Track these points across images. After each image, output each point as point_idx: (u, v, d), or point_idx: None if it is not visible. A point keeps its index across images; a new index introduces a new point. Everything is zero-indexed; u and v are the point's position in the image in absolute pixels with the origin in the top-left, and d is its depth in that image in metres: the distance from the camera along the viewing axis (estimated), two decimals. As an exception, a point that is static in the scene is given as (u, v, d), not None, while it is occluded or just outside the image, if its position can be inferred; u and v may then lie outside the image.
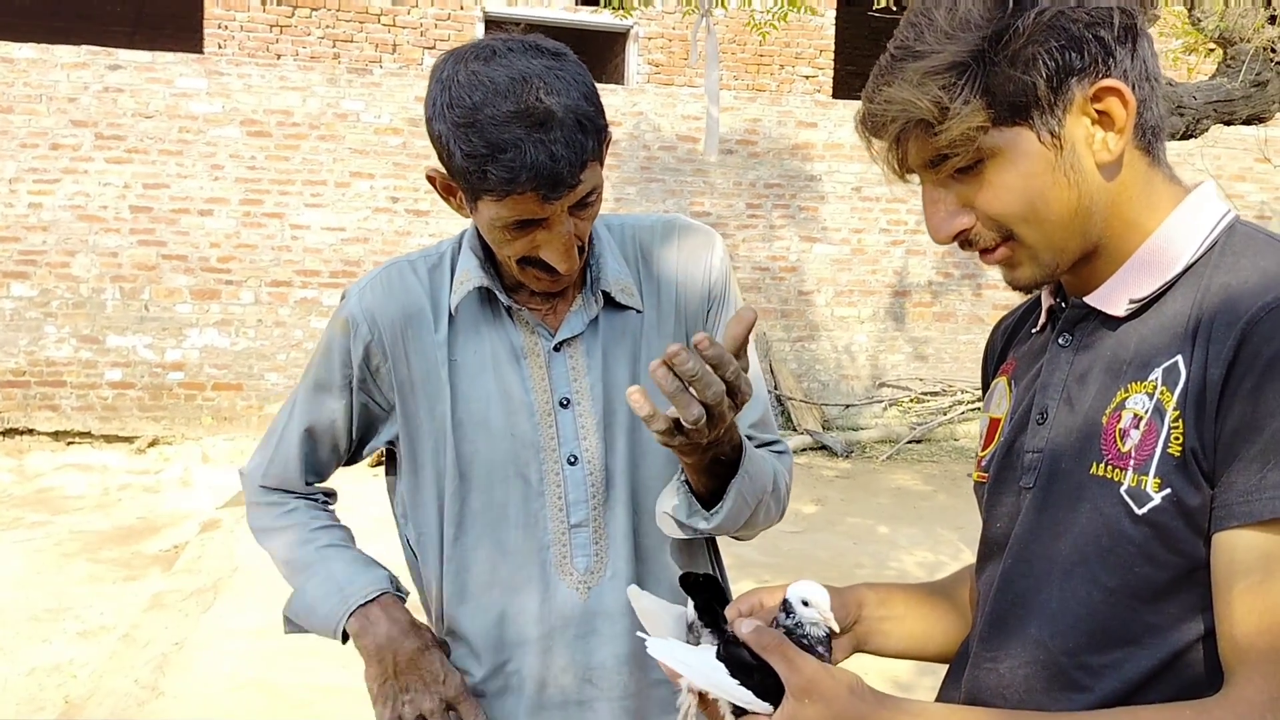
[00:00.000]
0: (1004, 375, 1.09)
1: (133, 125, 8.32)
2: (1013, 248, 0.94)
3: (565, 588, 1.36)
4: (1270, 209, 10.37)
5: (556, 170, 1.16)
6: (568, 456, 1.36)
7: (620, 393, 1.37)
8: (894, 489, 7.56)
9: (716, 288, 1.45)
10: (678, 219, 1.48)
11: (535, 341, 1.36)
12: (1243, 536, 0.80)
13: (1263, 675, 0.78)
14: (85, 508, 6.87)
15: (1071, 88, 0.87)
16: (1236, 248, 0.88)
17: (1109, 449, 0.89)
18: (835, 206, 9.63)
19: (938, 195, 0.94)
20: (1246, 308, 0.81)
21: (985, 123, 0.88)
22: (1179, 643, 0.86)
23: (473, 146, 1.16)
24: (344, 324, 1.41)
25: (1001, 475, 1.02)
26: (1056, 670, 0.92)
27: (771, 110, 9.49)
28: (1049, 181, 0.89)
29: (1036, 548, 0.95)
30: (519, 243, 1.25)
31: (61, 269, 8.30)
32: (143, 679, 3.89)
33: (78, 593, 5.11)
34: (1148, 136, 0.91)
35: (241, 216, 8.54)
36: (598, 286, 1.38)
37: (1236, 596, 0.80)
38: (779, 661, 0.88)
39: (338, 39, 8.74)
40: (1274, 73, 4.33)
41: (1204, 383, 0.83)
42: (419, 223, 8.75)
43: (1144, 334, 0.90)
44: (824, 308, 9.70)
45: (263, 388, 8.63)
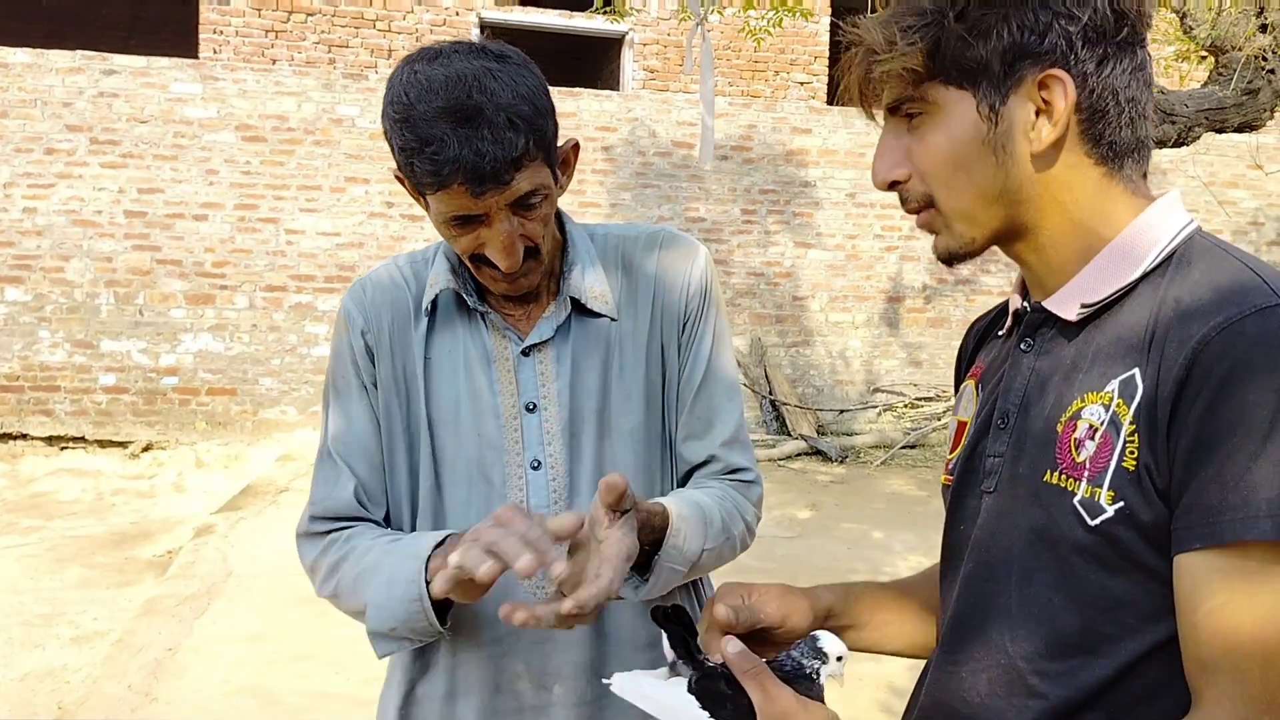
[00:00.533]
0: (972, 379, 1.09)
1: (128, 130, 8.32)
2: (933, 215, 0.96)
3: (523, 592, 1.34)
4: (1263, 215, 10.41)
5: (480, 165, 1.18)
6: (531, 461, 1.36)
7: (587, 400, 1.37)
8: (888, 494, 7.57)
9: (693, 302, 1.44)
10: (664, 230, 1.48)
11: (504, 345, 1.37)
12: (1204, 559, 0.80)
13: (1228, 696, 0.79)
14: (79, 513, 6.86)
15: (1023, 69, 0.89)
16: (1193, 260, 0.88)
17: (1064, 458, 0.89)
18: (830, 212, 9.65)
19: (888, 144, 0.97)
20: (1199, 326, 0.81)
21: (919, 68, 0.90)
22: (1133, 653, 0.86)
23: (405, 141, 1.20)
24: (343, 323, 1.43)
25: (964, 479, 1.02)
26: (1016, 675, 0.92)
27: (766, 117, 9.51)
28: (976, 153, 0.91)
29: (997, 552, 0.95)
30: (465, 239, 1.27)
31: (56, 274, 8.29)
32: (136, 684, 3.89)
33: (71, 598, 5.10)
34: (1105, 150, 0.91)
35: (236, 221, 8.53)
36: (568, 293, 1.38)
37: (1201, 619, 0.80)
38: (755, 689, 0.88)
39: (333, 44, 8.75)
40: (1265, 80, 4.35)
41: (1156, 400, 0.82)
42: (414, 227, 8.75)
43: (1101, 343, 0.90)
44: (818, 313, 9.72)
45: (257, 393, 8.62)
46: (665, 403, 1.44)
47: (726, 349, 1.47)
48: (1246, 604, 0.78)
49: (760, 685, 0.89)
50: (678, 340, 1.44)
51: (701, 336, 1.45)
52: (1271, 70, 4.35)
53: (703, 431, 1.43)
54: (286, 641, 4.28)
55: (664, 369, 1.43)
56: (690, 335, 1.44)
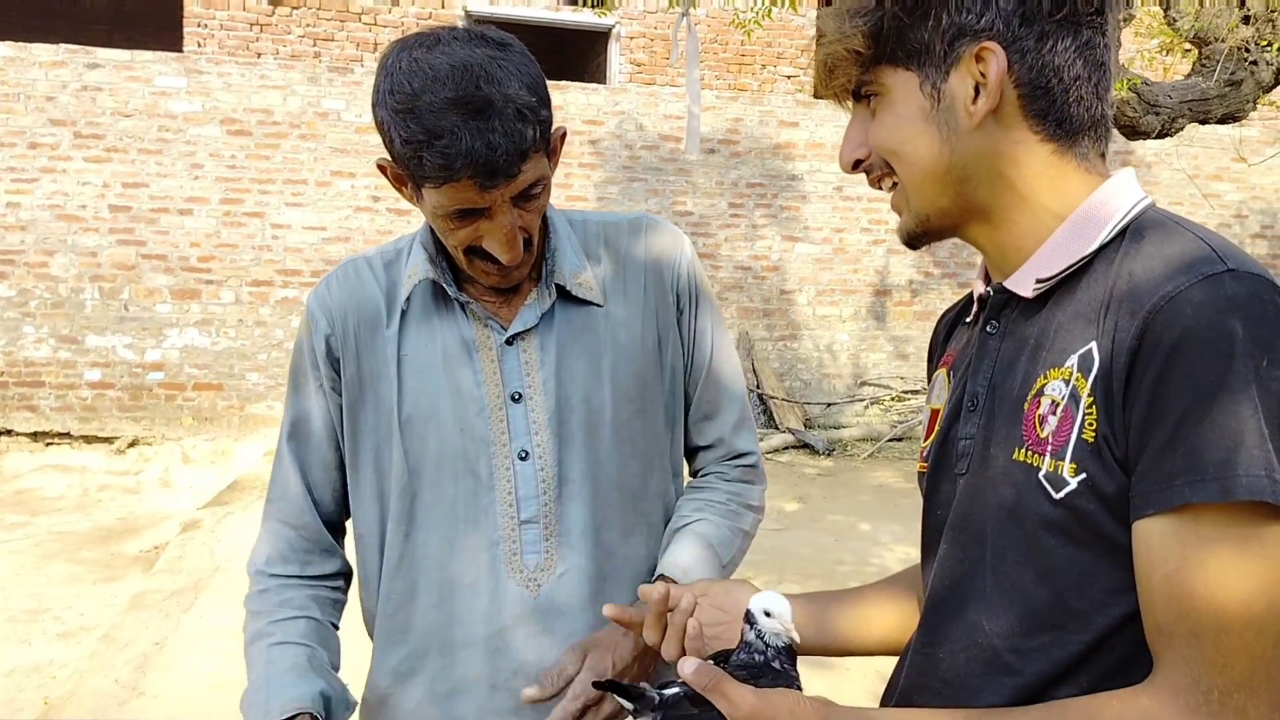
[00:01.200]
0: (944, 367, 1.10)
1: (112, 124, 8.27)
2: (898, 194, 0.99)
3: (515, 585, 1.33)
4: (1247, 208, 10.47)
5: (493, 159, 1.16)
6: (518, 452, 1.34)
7: (575, 388, 1.35)
8: (875, 486, 7.60)
9: (687, 291, 1.45)
10: (645, 217, 1.47)
11: (487, 335, 1.35)
12: (1158, 524, 0.81)
13: (1184, 660, 0.80)
14: (64, 508, 6.83)
15: (962, 47, 0.92)
16: (1146, 233, 0.89)
17: (1029, 434, 0.90)
18: (817, 206, 9.66)
19: (853, 128, 1.01)
20: (1149, 295, 0.82)
21: (862, 49, 0.95)
22: (1103, 626, 0.87)
23: (411, 133, 1.17)
24: (307, 323, 1.40)
25: (939, 464, 1.03)
26: (992, 654, 0.93)
27: (753, 110, 9.52)
28: (920, 130, 0.94)
29: (971, 533, 0.96)
30: (462, 232, 1.25)
31: (40, 269, 8.24)
32: (123, 679, 3.88)
33: (57, 593, 5.08)
34: (1052, 127, 0.93)
35: (222, 216, 8.50)
36: (552, 280, 1.36)
37: (1156, 585, 0.81)
38: (718, 699, 0.89)
39: (318, 37, 8.72)
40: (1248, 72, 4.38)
41: (1111, 371, 0.84)
42: (400, 221, 8.73)
43: (1061, 320, 0.91)
44: (806, 307, 9.74)
45: (243, 388, 8.60)
46: (663, 393, 1.43)
47: (725, 334, 1.49)
48: (1199, 567, 0.79)
49: (722, 694, 0.89)
50: (675, 328, 1.44)
51: (701, 324, 1.46)
52: (1254, 62, 4.38)
53: (712, 414, 1.47)
54: (274, 635, 4.27)
55: (660, 359, 1.42)
56: (689, 323, 1.45)
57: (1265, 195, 10.51)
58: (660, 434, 1.43)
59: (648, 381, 1.40)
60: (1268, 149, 10.10)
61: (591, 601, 1.35)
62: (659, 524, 1.45)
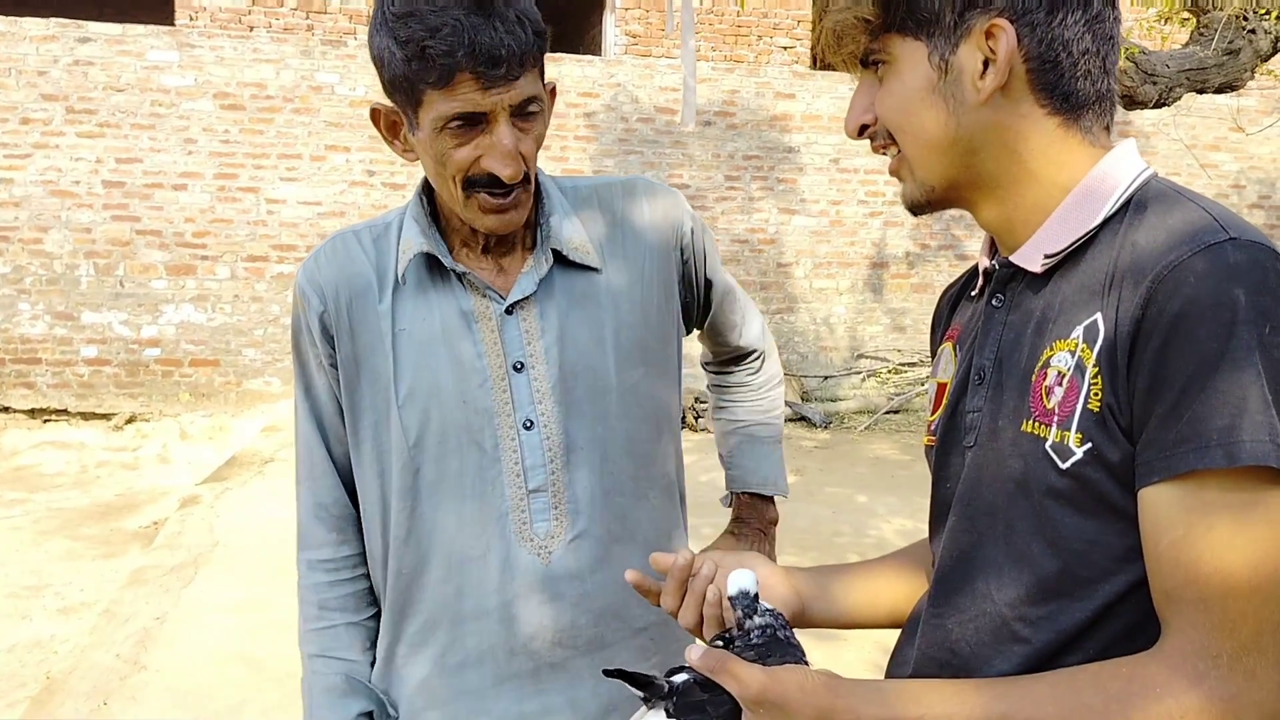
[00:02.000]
0: (949, 341, 1.10)
1: (104, 99, 8.22)
2: (899, 161, 0.99)
3: (526, 554, 1.34)
4: (1245, 178, 10.45)
5: (495, 49, 1.16)
6: (523, 421, 1.34)
7: (579, 355, 1.35)
8: (872, 458, 7.62)
9: (691, 249, 1.46)
10: (639, 178, 1.47)
11: (486, 305, 1.34)
12: (1163, 492, 0.81)
13: (1192, 625, 0.80)
14: (63, 485, 6.84)
15: (973, 19, 0.92)
16: (1149, 204, 0.90)
17: (1036, 405, 0.91)
18: (813, 178, 9.63)
19: (860, 95, 1.00)
20: (1152, 266, 0.83)
21: (872, 17, 0.95)
22: (1111, 593, 0.88)
23: (411, 32, 1.17)
24: (299, 301, 1.39)
25: (948, 437, 1.04)
26: (1001, 622, 0.94)
27: (749, 82, 9.47)
28: (927, 102, 0.94)
29: (979, 504, 0.97)
30: (463, 151, 1.23)
31: (34, 245, 8.21)
32: (124, 654, 3.90)
33: (57, 569, 5.10)
34: (1059, 101, 0.93)
35: (216, 191, 8.47)
36: (547, 244, 1.35)
37: (1163, 551, 0.82)
38: (727, 680, 0.89)
39: (311, 10, 8.65)
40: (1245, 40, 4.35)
41: (1115, 341, 0.84)
42: (395, 196, 8.70)
43: (1067, 292, 0.92)
44: (802, 280, 9.73)
45: (240, 363, 8.59)
46: (667, 354, 1.44)
47: (723, 269, 1.55)
48: (1204, 533, 0.80)
49: (730, 674, 0.89)
50: (678, 285, 1.45)
51: (711, 270, 1.51)
52: (1252, 30, 4.35)
53: (724, 329, 1.60)
54: (274, 610, 4.30)
55: (662, 320, 1.43)
56: (699, 276, 1.49)
57: (1263, 165, 10.48)
58: (666, 394, 1.45)
59: (650, 344, 1.41)
60: (1265, 119, 10.06)
61: (602, 564, 1.36)
62: (672, 482, 1.48)
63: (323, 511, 1.42)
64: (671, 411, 1.47)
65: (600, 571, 1.36)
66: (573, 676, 1.37)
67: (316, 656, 1.42)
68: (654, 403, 1.42)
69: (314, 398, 1.41)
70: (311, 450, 1.42)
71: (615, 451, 1.38)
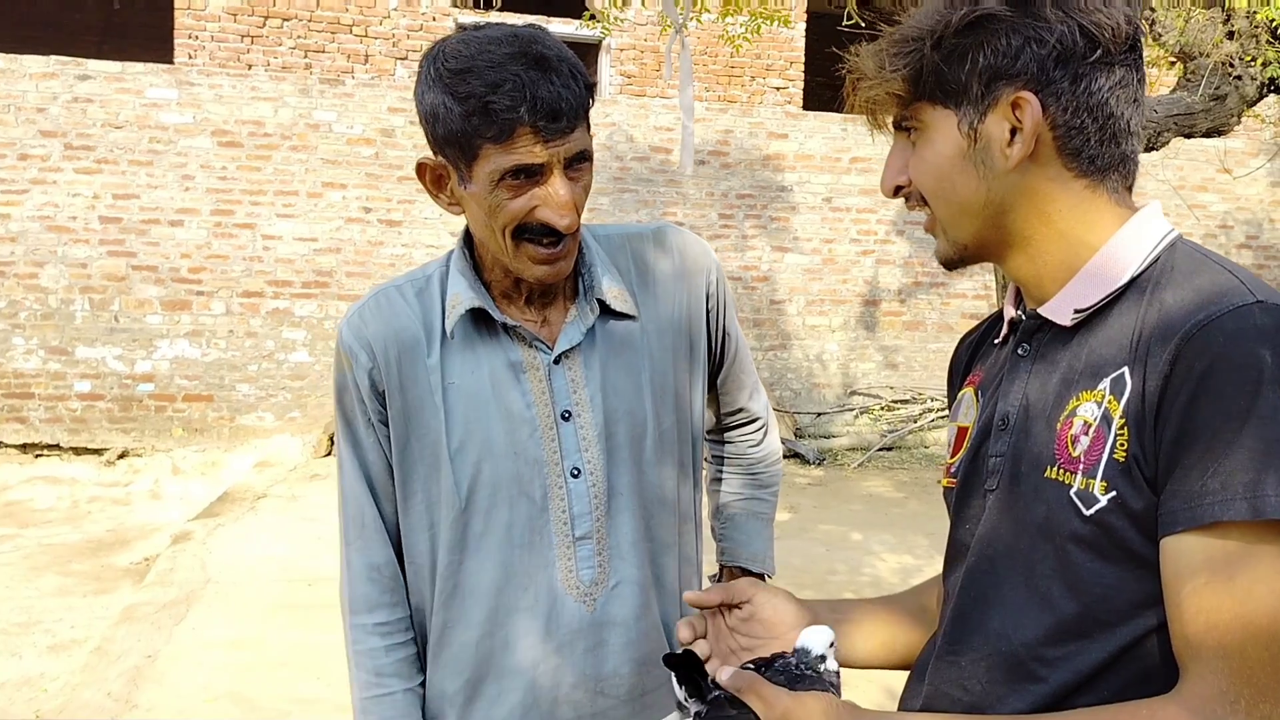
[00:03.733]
0: (970, 386, 1.14)
1: (102, 135, 8.26)
2: (933, 220, 1.03)
3: (572, 602, 1.35)
4: (1232, 218, 10.55)
5: (555, 103, 1.19)
6: (571, 469, 1.35)
7: (620, 402, 1.37)
8: (866, 496, 7.62)
9: (716, 295, 1.49)
10: (669, 226, 1.50)
11: (534, 356, 1.35)
12: (1187, 541, 0.84)
13: (1212, 671, 0.83)
14: (54, 520, 6.80)
15: (999, 89, 0.95)
16: (1177, 265, 0.94)
17: (1061, 453, 0.94)
18: (806, 217, 9.71)
19: (894, 156, 1.04)
20: (1181, 324, 0.87)
21: (901, 92, 0.99)
22: (1127, 637, 0.90)
23: (470, 88, 1.19)
24: (345, 358, 1.38)
25: (969, 480, 1.06)
26: (1015, 662, 0.96)
27: (743, 121, 9.56)
28: (958, 168, 0.98)
29: (999, 546, 1.00)
30: (518, 202, 1.24)
31: (30, 280, 8.22)
32: (115, 692, 3.87)
33: (48, 605, 5.06)
34: (1085, 164, 0.97)
35: (213, 227, 8.49)
36: (592, 295, 1.37)
37: (1186, 598, 0.84)
38: (754, 700, 0.92)
39: (309, 49, 8.73)
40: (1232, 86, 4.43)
41: (1143, 395, 0.88)
42: (391, 233, 8.74)
43: (1094, 345, 0.95)
44: (795, 317, 9.77)
45: (234, 399, 8.58)
46: (692, 401, 1.46)
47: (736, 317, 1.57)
48: (1226, 583, 0.83)
49: (757, 695, 0.92)
50: (705, 333, 1.48)
51: (730, 324, 1.53)
52: (1238, 76, 4.43)
53: (734, 389, 1.60)
54: (267, 648, 4.27)
55: (691, 367, 1.45)
56: (719, 323, 1.51)
57: (1250, 206, 10.59)
58: (689, 442, 1.47)
59: (680, 391, 1.43)
60: (1252, 160, 10.19)
61: (644, 610, 1.38)
62: (690, 528, 1.49)
63: (376, 574, 1.40)
64: (697, 458, 1.49)
65: (644, 619, 1.38)
66: None
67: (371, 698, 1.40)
68: (681, 449, 1.44)
69: (362, 456, 1.40)
70: (363, 510, 1.40)
71: (651, 497, 1.40)
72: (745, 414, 1.64)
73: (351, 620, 1.42)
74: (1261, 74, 4.42)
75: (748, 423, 1.66)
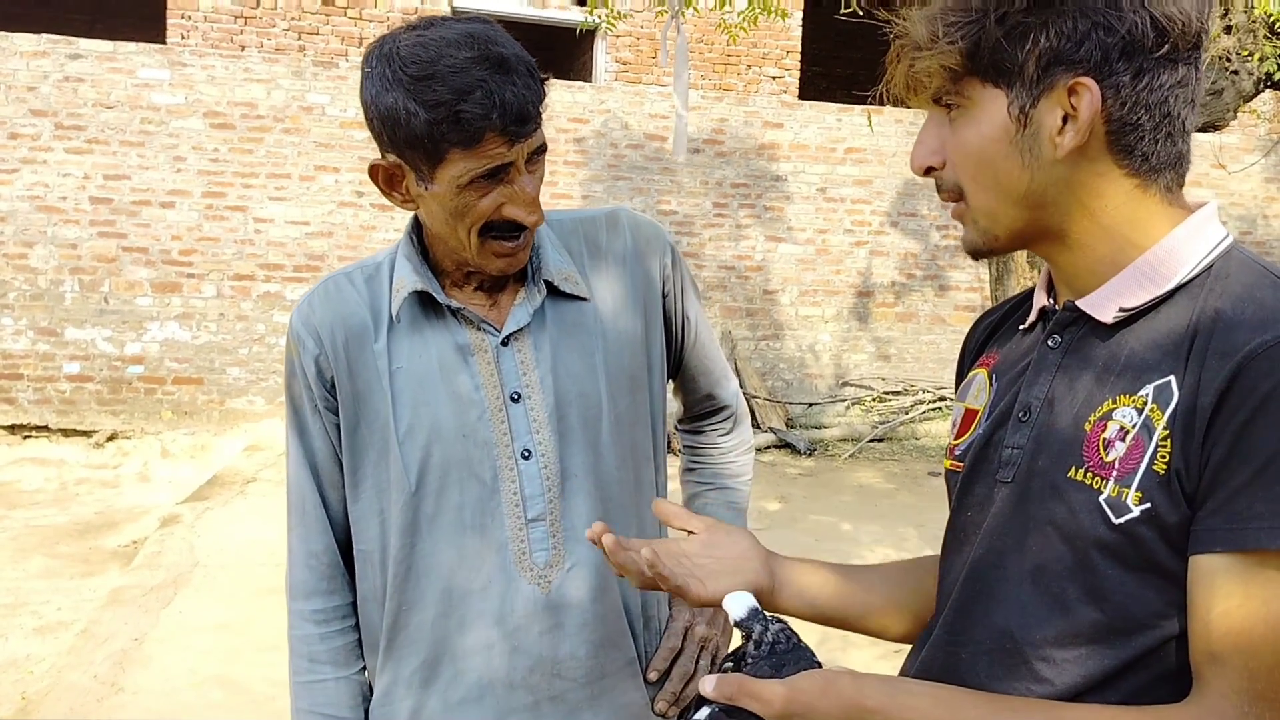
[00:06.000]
0: (984, 368, 1.10)
1: (93, 115, 8.21)
2: (963, 207, 0.98)
3: (526, 584, 1.35)
4: (1226, 214, 10.57)
5: (523, 106, 1.21)
6: (521, 451, 1.35)
7: (572, 384, 1.37)
8: (856, 487, 7.63)
9: (673, 278, 1.48)
10: (623, 210, 1.50)
11: (481, 338, 1.36)
12: (1224, 561, 0.83)
13: (1234, 689, 0.83)
14: (42, 502, 6.78)
15: (1057, 75, 0.90)
16: (1234, 274, 0.90)
17: (1091, 456, 0.91)
18: (800, 207, 9.69)
19: (928, 133, 0.99)
20: (1245, 340, 0.83)
21: (957, 66, 0.93)
22: (1141, 646, 0.89)
23: (437, 95, 1.18)
24: (293, 345, 1.40)
25: (977, 466, 1.04)
26: (1020, 660, 0.95)
27: (738, 110, 9.54)
28: (1003, 152, 0.93)
29: (1009, 540, 0.97)
30: (485, 201, 1.25)
31: (19, 260, 8.17)
32: (102, 675, 3.86)
33: (34, 588, 5.05)
34: (1137, 162, 0.92)
35: (204, 209, 8.45)
36: (540, 277, 1.38)
37: (1215, 617, 0.83)
38: (749, 702, 0.89)
39: (303, 31, 8.67)
40: (1229, 81, 4.42)
41: (1194, 407, 0.85)
42: (384, 217, 8.70)
43: (1135, 348, 0.92)
44: (788, 307, 9.77)
45: (224, 382, 8.55)
46: (651, 382, 1.46)
47: (701, 307, 1.56)
48: (1260, 606, 0.82)
49: (751, 696, 0.88)
50: (660, 315, 1.47)
51: (689, 307, 1.51)
52: (1235, 71, 4.42)
53: (698, 375, 1.57)
54: (254, 631, 4.26)
55: (647, 349, 1.45)
56: (677, 308, 1.50)
57: (1244, 202, 10.61)
58: (649, 423, 1.46)
59: (636, 373, 1.43)
60: (1247, 156, 10.20)
61: (601, 592, 1.38)
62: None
63: (314, 560, 1.42)
64: (657, 440, 1.49)
65: (600, 601, 1.37)
66: (571, 708, 1.38)
67: (307, 712, 1.41)
68: (641, 430, 1.44)
69: (308, 443, 1.41)
70: (304, 496, 1.42)
71: (608, 479, 1.39)
72: (713, 401, 1.62)
73: (290, 605, 1.44)
74: (1259, 69, 4.41)
75: (716, 411, 1.63)
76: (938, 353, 10.01)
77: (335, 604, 1.43)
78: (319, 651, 1.42)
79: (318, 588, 1.42)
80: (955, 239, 9.81)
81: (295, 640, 1.43)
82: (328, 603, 1.42)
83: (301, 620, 1.43)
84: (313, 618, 1.42)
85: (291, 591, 1.44)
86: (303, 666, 1.42)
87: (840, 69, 13.40)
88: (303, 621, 1.43)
